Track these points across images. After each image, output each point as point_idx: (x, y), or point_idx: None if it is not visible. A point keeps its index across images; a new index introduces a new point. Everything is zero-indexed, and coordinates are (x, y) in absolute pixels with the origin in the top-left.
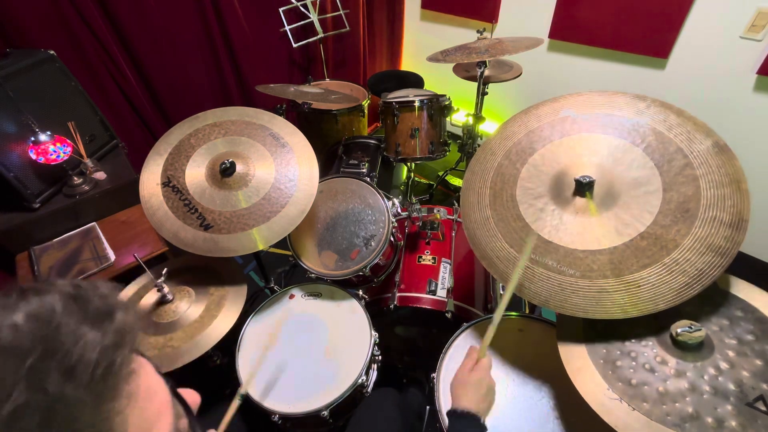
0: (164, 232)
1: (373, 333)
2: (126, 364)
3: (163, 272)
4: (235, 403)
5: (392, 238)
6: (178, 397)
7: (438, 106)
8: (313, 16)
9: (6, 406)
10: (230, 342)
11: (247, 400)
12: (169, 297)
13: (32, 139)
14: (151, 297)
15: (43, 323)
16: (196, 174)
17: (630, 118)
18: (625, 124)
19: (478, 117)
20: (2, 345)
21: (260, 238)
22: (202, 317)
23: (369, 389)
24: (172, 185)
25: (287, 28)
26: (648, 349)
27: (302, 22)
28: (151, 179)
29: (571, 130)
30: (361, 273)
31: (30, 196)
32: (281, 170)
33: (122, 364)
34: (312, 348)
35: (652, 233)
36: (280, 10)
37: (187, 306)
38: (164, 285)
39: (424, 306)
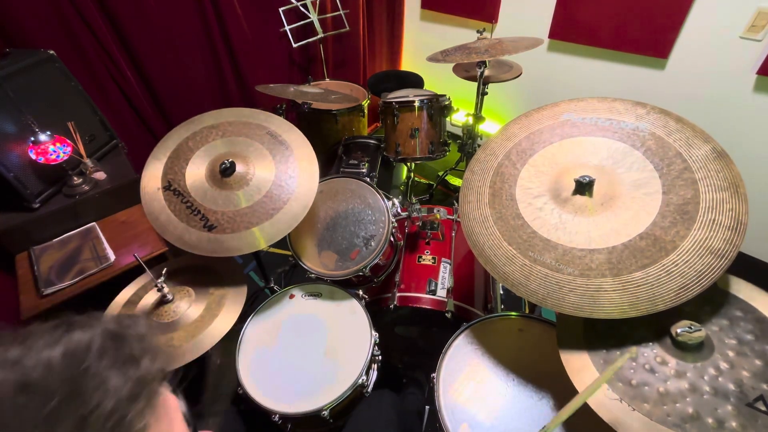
0: (168, 235)
1: (374, 333)
2: (139, 419)
3: (163, 272)
4: None
5: (392, 238)
6: None
7: (438, 106)
8: (313, 16)
9: None
10: (230, 342)
11: (246, 400)
12: (169, 297)
13: (32, 139)
14: (151, 297)
15: (75, 363)
16: (196, 175)
17: (630, 123)
18: (624, 129)
19: (477, 117)
20: (33, 382)
21: (263, 236)
22: (203, 317)
23: (369, 389)
24: (173, 189)
25: (287, 28)
26: (648, 350)
27: (302, 22)
28: (151, 184)
29: (571, 133)
30: (361, 273)
31: (30, 196)
32: (281, 168)
33: (134, 419)
34: (312, 348)
35: (650, 234)
36: (280, 10)
37: (187, 306)
38: (164, 285)
39: (424, 306)
